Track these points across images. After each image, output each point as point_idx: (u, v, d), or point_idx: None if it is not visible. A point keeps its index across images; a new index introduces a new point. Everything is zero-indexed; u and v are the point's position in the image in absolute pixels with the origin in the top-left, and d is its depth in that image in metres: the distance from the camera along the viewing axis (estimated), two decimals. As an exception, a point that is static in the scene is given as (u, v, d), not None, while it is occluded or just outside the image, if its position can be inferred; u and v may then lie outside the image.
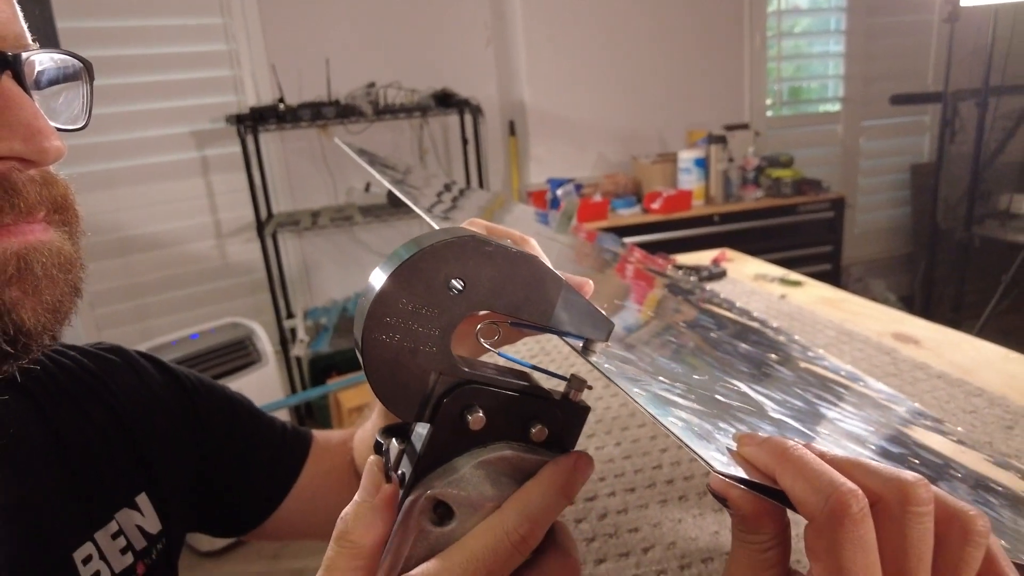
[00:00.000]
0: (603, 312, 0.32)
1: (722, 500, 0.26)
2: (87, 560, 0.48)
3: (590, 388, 0.33)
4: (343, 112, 2.56)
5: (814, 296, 1.29)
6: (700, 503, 0.69)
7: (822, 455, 0.26)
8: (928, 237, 3.09)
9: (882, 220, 3.80)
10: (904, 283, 3.84)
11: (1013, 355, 0.99)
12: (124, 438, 0.55)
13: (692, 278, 1.33)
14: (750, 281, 1.38)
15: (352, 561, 0.29)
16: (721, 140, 2.89)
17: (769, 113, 3.45)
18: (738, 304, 0.92)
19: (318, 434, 0.70)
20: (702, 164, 2.90)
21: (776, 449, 0.26)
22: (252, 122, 2.50)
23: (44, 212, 0.40)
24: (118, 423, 0.55)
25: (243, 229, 2.81)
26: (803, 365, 0.61)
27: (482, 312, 0.30)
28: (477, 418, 0.30)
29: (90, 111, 0.45)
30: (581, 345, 0.33)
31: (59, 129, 0.41)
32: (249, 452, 0.64)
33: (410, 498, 0.30)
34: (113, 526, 0.51)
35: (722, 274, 1.41)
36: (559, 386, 0.33)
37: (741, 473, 0.25)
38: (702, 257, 1.55)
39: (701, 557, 0.61)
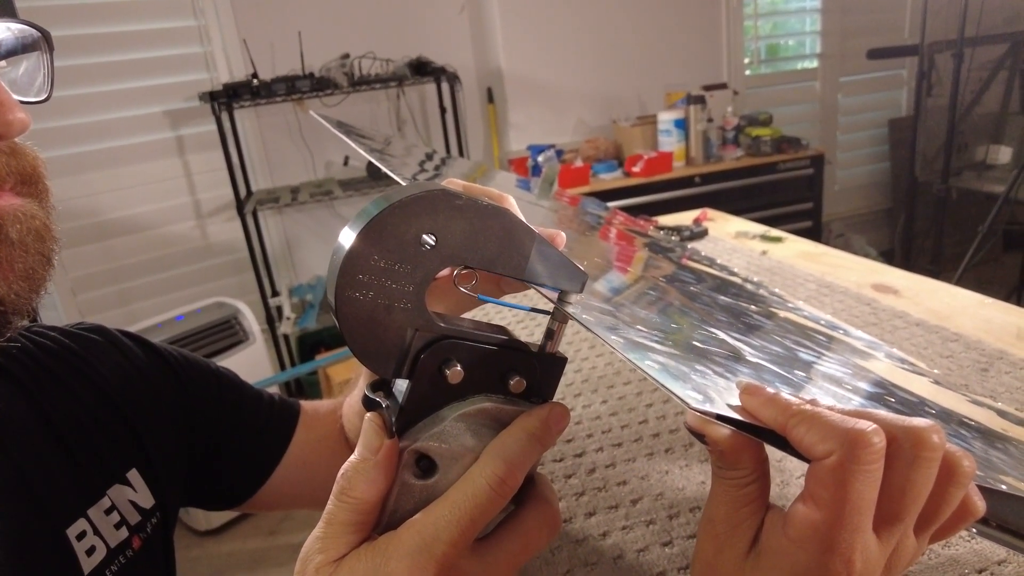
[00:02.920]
0: (577, 264, 0.32)
1: (699, 437, 0.27)
2: (81, 536, 0.48)
3: (570, 317, 0.34)
4: (318, 85, 2.52)
5: (794, 251, 1.30)
6: (686, 455, 0.70)
7: (831, 408, 0.26)
8: (907, 191, 3.11)
9: (861, 176, 3.82)
10: (884, 238, 3.88)
11: (988, 300, 1.01)
12: (112, 415, 0.55)
13: (674, 237, 1.33)
14: (731, 239, 1.39)
15: (353, 516, 0.30)
16: (700, 100, 2.88)
17: (747, 72, 3.44)
18: (718, 261, 0.93)
19: (306, 404, 0.71)
20: (682, 125, 2.89)
21: (783, 405, 0.26)
22: (226, 99, 2.46)
23: (12, 183, 0.40)
24: (104, 400, 0.55)
25: (223, 208, 2.78)
26: (783, 315, 0.62)
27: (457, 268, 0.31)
28: (455, 372, 0.30)
29: (52, 82, 0.44)
30: (557, 297, 0.33)
31: (22, 102, 0.41)
32: (237, 424, 0.65)
33: None
34: (106, 502, 0.51)
35: (704, 233, 1.42)
36: (538, 337, 0.33)
37: (717, 410, 0.26)
38: (684, 218, 1.55)
39: (689, 506, 0.62)
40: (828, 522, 0.24)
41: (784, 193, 2.99)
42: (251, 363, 2.20)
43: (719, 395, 0.28)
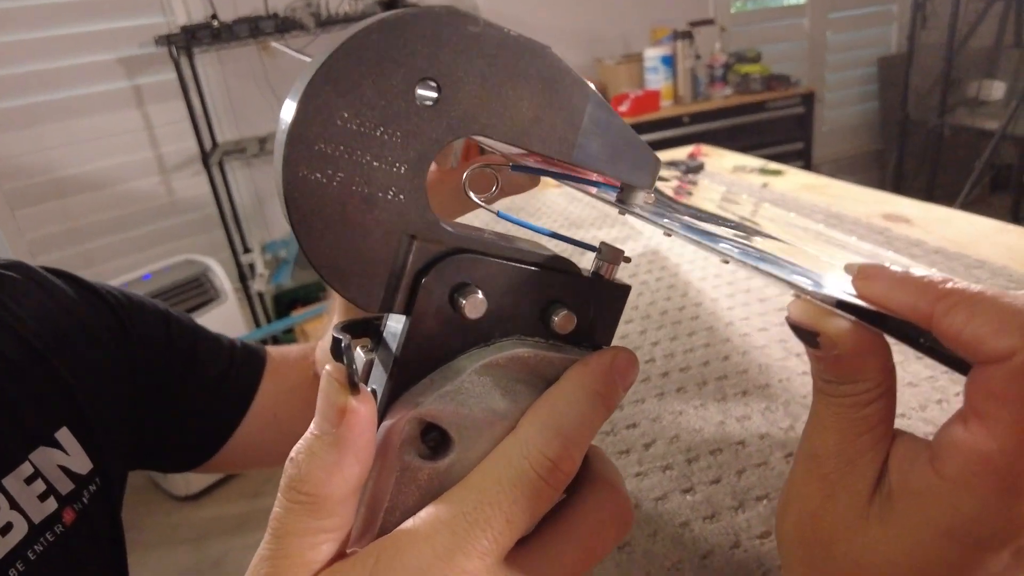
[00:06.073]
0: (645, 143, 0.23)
1: (810, 337, 0.19)
2: None
3: (627, 261, 0.24)
4: (283, 26, 2.37)
5: (796, 184, 1.24)
6: (700, 394, 0.63)
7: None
8: (898, 129, 3.04)
9: (850, 117, 3.75)
10: (873, 179, 3.83)
11: (1009, 227, 0.96)
12: (33, 364, 0.46)
13: (673, 171, 1.26)
14: (729, 173, 1.32)
15: (310, 521, 0.20)
16: (687, 36, 2.77)
17: (733, 9, 3.32)
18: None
19: (273, 350, 0.62)
20: (669, 62, 2.78)
21: (927, 284, 0.18)
22: (185, 43, 2.31)
23: None
24: (23, 347, 0.46)
25: (188, 162, 2.63)
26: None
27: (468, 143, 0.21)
28: (475, 302, 0.21)
29: None
30: (615, 196, 0.24)
31: None
32: (193, 372, 0.56)
33: (387, 423, 0.22)
34: (26, 469, 0.43)
35: (700, 167, 1.35)
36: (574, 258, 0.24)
37: (837, 295, 0.18)
38: (678, 154, 1.48)
39: (708, 449, 0.56)
40: (1010, 451, 0.16)
41: (774, 133, 2.91)
42: (223, 321, 2.10)
43: (824, 282, 0.20)
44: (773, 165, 1.33)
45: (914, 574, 0.18)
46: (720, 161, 1.43)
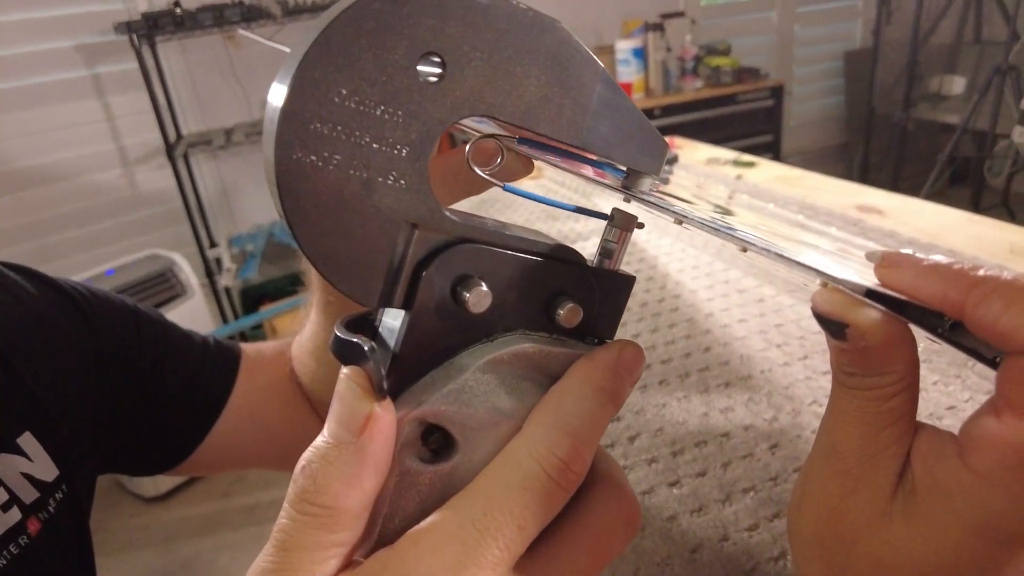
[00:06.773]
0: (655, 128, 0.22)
1: (836, 328, 0.18)
2: None
3: (641, 226, 0.24)
4: (249, 14, 2.31)
5: (770, 175, 1.25)
6: (683, 386, 0.63)
7: None
8: (864, 123, 3.09)
9: (817, 110, 3.81)
10: (840, 172, 3.90)
11: (976, 217, 0.99)
12: None
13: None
14: (703, 165, 1.33)
15: (323, 535, 0.19)
16: (658, 28, 2.77)
17: (704, 2, 3.34)
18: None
19: (248, 347, 0.60)
20: (640, 55, 2.78)
21: (958, 272, 0.17)
22: (147, 30, 2.24)
23: None
24: None
25: (152, 154, 2.56)
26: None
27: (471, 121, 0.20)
28: (479, 295, 0.20)
29: None
30: (622, 181, 0.24)
31: None
32: (164, 370, 0.54)
33: None
34: None
35: (674, 159, 1.35)
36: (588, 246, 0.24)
37: (866, 283, 0.17)
38: (651, 145, 1.48)
39: (694, 441, 0.55)
40: None
41: (744, 126, 2.93)
42: (190, 317, 2.05)
43: (845, 272, 0.19)
44: (746, 157, 1.34)
45: (940, 573, 0.18)
46: (693, 153, 1.43)
